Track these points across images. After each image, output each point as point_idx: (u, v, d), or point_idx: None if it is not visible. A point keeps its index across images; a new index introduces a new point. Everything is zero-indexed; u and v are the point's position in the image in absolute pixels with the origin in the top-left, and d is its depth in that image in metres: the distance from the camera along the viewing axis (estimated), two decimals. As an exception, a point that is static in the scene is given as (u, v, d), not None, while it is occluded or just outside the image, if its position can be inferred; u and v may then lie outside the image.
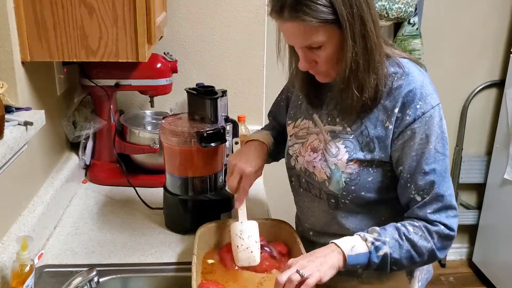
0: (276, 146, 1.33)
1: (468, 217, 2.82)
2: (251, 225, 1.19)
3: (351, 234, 1.05)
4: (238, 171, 1.19)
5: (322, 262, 0.98)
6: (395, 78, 1.05)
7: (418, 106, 1.02)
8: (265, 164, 1.29)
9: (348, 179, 1.09)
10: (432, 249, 1.04)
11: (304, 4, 0.95)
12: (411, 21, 2.23)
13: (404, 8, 2.11)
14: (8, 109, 1.17)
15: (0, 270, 1.06)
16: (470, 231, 2.88)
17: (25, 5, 1.21)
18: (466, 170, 2.74)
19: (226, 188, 1.46)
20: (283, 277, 0.96)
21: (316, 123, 1.18)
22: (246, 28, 1.95)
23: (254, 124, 2.06)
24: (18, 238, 1.02)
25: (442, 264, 2.90)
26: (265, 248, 1.21)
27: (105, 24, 1.25)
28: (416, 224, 1.04)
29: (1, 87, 1.10)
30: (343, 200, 1.12)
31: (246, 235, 1.16)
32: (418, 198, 1.05)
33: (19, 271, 1.02)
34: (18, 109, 1.20)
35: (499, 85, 2.62)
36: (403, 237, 1.03)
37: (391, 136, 1.05)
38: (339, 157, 1.10)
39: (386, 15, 2.12)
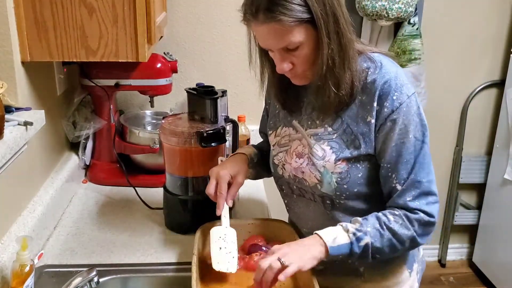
0: (261, 156, 1.33)
1: (468, 217, 2.82)
2: (233, 232, 1.19)
3: None
4: (213, 175, 1.21)
5: (305, 252, 1.00)
6: (369, 72, 1.06)
7: (394, 97, 1.03)
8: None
9: (339, 179, 1.09)
10: (413, 236, 1.05)
11: (279, 5, 0.95)
12: (411, 21, 2.22)
13: (404, 8, 2.11)
14: (8, 109, 1.17)
15: (0, 270, 1.06)
16: (470, 231, 2.88)
17: (25, 5, 1.21)
18: (466, 170, 2.73)
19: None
20: (265, 263, 0.98)
21: (296, 129, 1.18)
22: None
23: (254, 124, 2.05)
24: (18, 238, 1.02)
25: (442, 264, 2.90)
26: (264, 249, 1.21)
27: (105, 24, 1.25)
28: (397, 213, 1.06)
29: (1, 87, 1.10)
30: (338, 200, 1.13)
31: (230, 240, 1.16)
32: (398, 187, 1.06)
33: (19, 271, 1.02)
34: (18, 109, 1.20)
35: (499, 85, 2.61)
36: (384, 227, 1.04)
37: (373, 129, 1.06)
38: (326, 158, 1.10)
39: (386, 15, 2.12)
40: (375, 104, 1.05)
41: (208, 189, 1.20)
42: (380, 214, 1.07)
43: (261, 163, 1.32)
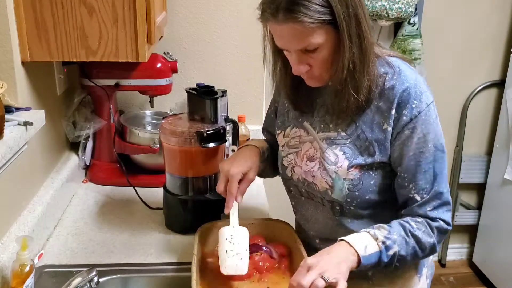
0: (271, 153, 1.30)
1: (468, 217, 2.82)
2: (242, 231, 1.14)
3: None
4: (224, 173, 1.16)
5: (341, 263, 0.94)
6: (387, 78, 1.04)
7: (413, 106, 1.01)
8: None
9: (351, 186, 1.07)
10: (434, 243, 1.04)
11: (301, 5, 0.92)
12: (411, 21, 2.22)
13: (404, 8, 2.11)
14: (8, 109, 1.17)
15: (0, 270, 1.06)
16: (470, 231, 2.88)
17: (25, 5, 1.21)
18: (466, 170, 2.73)
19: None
20: (304, 281, 0.89)
21: (308, 131, 1.15)
22: (246, 28, 1.96)
23: (254, 124, 2.06)
24: (18, 238, 1.02)
25: (442, 264, 2.90)
26: (264, 248, 1.21)
27: (105, 24, 1.25)
28: (418, 220, 1.04)
29: (1, 87, 1.10)
30: (347, 206, 1.10)
31: (237, 241, 1.11)
32: (418, 198, 1.04)
33: (19, 271, 1.02)
34: (18, 109, 1.20)
35: (499, 85, 2.62)
36: (409, 234, 1.02)
37: (390, 137, 1.04)
38: (338, 164, 1.08)
39: (386, 15, 2.12)
40: (393, 112, 1.02)
41: (218, 187, 1.17)
42: (402, 221, 1.04)
43: (270, 160, 1.29)
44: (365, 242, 0.99)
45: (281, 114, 1.25)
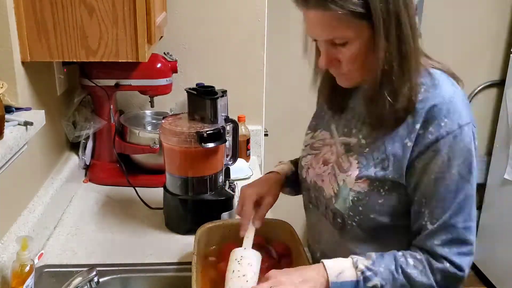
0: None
1: (468, 217, 2.82)
2: (253, 254, 1.09)
3: None
4: (241, 195, 1.16)
5: (302, 283, 0.91)
6: (422, 90, 0.94)
7: (442, 124, 0.91)
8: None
9: (355, 198, 0.99)
10: (431, 286, 0.93)
11: None
12: (411, 21, 2.23)
13: (404, 8, 2.11)
14: (8, 109, 1.17)
15: (0, 270, 1.06)
16: (470, 231, 2.88)
17: (25, 5, 1.21)
18: (466, 170, 2.73)
19: (226, 188, 1.46)
20: None
21: (332, 134, 1.10)
22: (246, 28, 1.95)
23: (254, 124, 2.06)
24: (18, 238, 1.02)
25: (442, 264, 2.90)
26: (264, 248, 1.20)
27: (105, 24, 1.25)
28: (418, 256, 0.94)
29: (1, 87, 1.10)
30: (349, 222, 1.02)
31: (246, 262, 1.06)
32: (429, 226, 0.94)
33: (19, 271, 1.02)
34: (18, 109, 1.20)
35: (499, 85, 2.62)
36: (399, 270, 0.93)
37: (408, 155, 0.94)
38: (348, 172, 1.01)
39: (386, 15, 2.12)
40: (417, 126, 0.93)
41: (236, 209, 1.18)
42: (399, 253, 0.95)
43: (295, 178, 1.24)
44: (341, 268, 0.93)
45: (317, 116, 1.20)
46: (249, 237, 1.13)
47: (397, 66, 0.91)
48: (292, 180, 1.24)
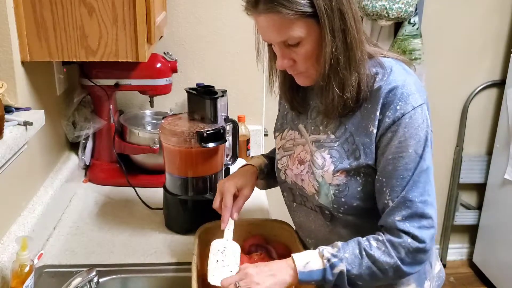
0: (271, 167, 1.28)
1: (469, 217, 2.82)
2: (235, 246, 1.12)
3: None
4: (219, 189, 1.19)
5: (269, 276, 0.96)
6: (377, 79, 0.99)
7: (398, 107, 0.96)
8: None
9: (336, 191, 1.03)
10: (396, 265, 0.96)
11: None
12: (411, 21, 2.22)
13: (404, 8, 2.11)
14: (8, 109, 1.17)
15: (0, 270, 1.06)
16: (470, 231, 2.88)
17: (25, 5, 1.21)
18: (466, 170, 2.73)
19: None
20: (226, 282, 0.97)
21: (301, 133, 1.13)
22: (246, 28, 1.95)
23: (254, 124, 2.06)
24: (18, 238, 1.02)
25: (443, 264, 2.90)
26: (264, 248, 1.21)
27: (105, 24, 1.25)
28: (380, 238, 0.98)
29: (1, 87, 1.10)
30: (336, 213, 1.07)
31: (229, 254, 1.09)
32: (390, 204, 0.97)
33: (19, 271, 1.01)
34: (17, 109, 1.20)
35: (500, 85, 2.61)
36: (363, 253, 0.96)
37: (374, 140, 0.99)
38: (325, 168, 1.04)
39: (386, 15, 2.12)
40: (377, 113, 0.98)
41: (214, 203, 1.18)
42: (362, 239, 0.99)
43: (272, 174, 1.27)
44: (308, 258, 0.97)
45: (281, 116, 1.24)
46: (229, 229, 1.15)
47: (344, 58, 0.96)
48: (265, 173, 1.28)
